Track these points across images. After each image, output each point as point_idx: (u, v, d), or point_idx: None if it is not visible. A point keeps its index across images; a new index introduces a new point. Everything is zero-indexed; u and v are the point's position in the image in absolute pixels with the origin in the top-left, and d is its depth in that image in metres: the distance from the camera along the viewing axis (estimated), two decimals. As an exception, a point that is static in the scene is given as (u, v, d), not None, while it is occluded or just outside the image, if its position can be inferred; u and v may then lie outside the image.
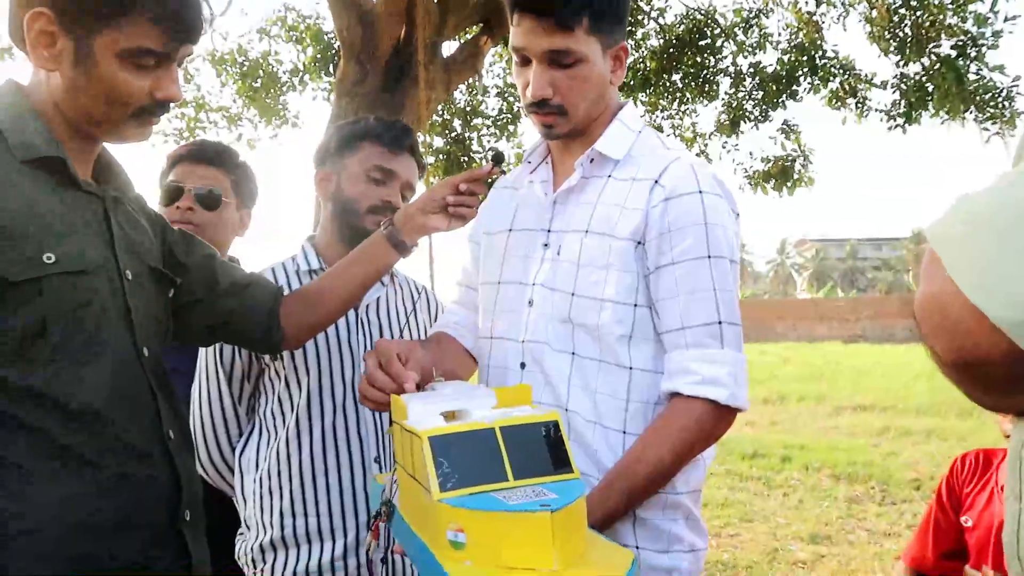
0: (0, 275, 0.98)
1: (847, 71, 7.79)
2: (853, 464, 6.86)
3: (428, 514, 0.87)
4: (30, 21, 1.05)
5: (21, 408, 1.00)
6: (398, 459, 1.02)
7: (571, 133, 1.40)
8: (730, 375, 1.26)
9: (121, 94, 1.09)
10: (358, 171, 1.69)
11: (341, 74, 5.72)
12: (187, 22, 1.11)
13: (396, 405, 1.02)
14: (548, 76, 1.33)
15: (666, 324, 1.30)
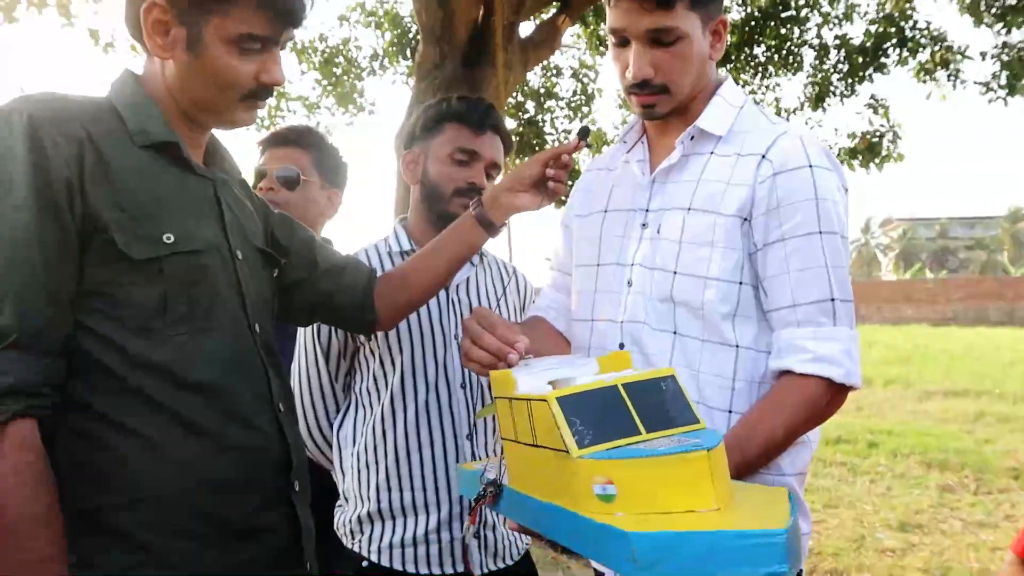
0: (125, 253, 1.05)
1: (938, 42, 7.42)
2: (945, 451, 6.60)
3: (564, 476, 0.86)
4: (145, 12, 1.11)
5: (145, 380, 1.06)
6: (505, 434, 1.02)
7: (672, 112, 1.37)
8: (844, 352, 1.24)
9: (230, 78, 1.14)
10: (443, 154, 1.71)
11: (420, 57, 5.77)
12: (289, 6, 1.16)
13: (499, 380, 1.03)
14: (649, 56, 1.31)
15: (776, 301, 1.28)
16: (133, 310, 1.06)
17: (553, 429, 0.87)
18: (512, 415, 0.98)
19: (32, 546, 0.96)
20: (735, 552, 0.74)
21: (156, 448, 1.06)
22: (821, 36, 8.02)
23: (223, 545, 1.10)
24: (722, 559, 0.74)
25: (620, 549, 0.76)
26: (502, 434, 1.02)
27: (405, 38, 8.58)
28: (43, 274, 1.00)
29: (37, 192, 1.00)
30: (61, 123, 1.04)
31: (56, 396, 1.01)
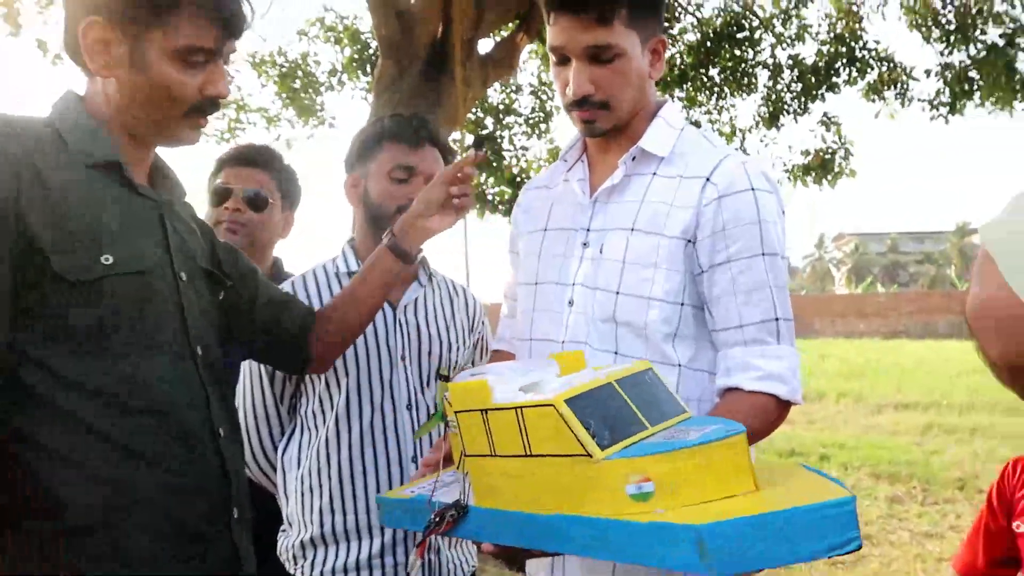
0: (60, 275, 1.02)
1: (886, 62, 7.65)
2: (895, 463, 6.74)
3: (582, 481, 0.82)
4: (85, 31, 1.10)
5: (81, 405, 1.04)
6: (474, 451, 0.97)
7: (613, 129, 1.38)
8: (789, 370, 1.28)
9: (174, 92, 1.13)
10: (381, 173, 1.70)
11: (379, 73, 5.76)
12: (231, 17, 1.15)
13: (468, 392, 0.96)
14: (589, 73, 1.32)
15: (723, 322, 1.30)
16: (69, 333, 1.03)
17: (564, 434, 0.83)
18: (488, 428, 0.93)
19: None
20: (810, 527, 0.72)
21: (93, 475, 1.04)
22: (775, 56, 8.21)
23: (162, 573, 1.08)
24: (799, 536, 0.72)
25: (682, 545, 0.72)
26: (468, 451, 0.98)
27: (364, 54, 8.57)
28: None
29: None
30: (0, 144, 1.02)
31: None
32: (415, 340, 1.70)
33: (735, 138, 8.84)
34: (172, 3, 1.10)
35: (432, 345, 1.72)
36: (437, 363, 1.71)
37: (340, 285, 1.71)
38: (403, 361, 1.68)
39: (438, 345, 1.73)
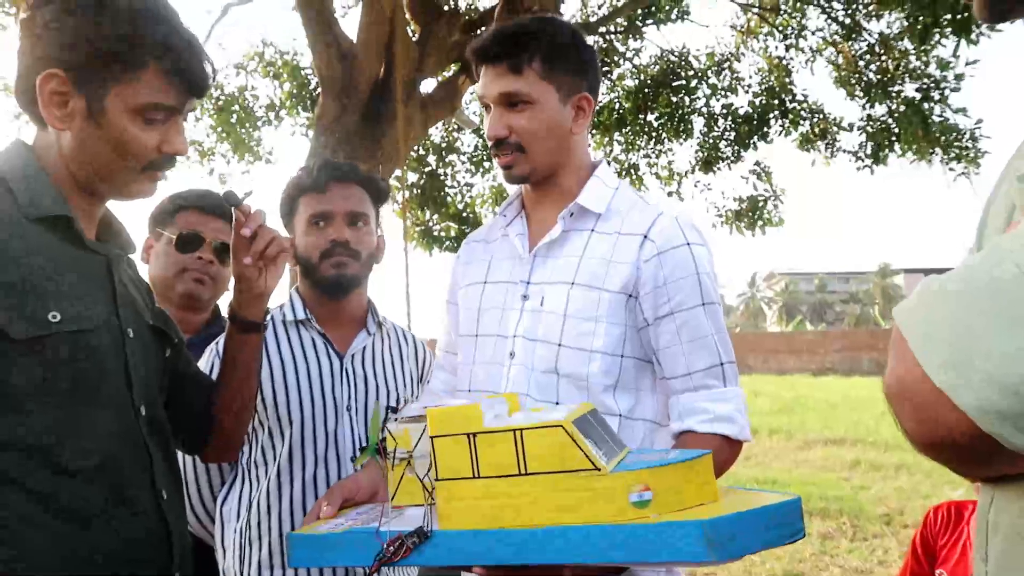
0: (5, 332, 0.99)
1: (816, 114, 8.00)
2: (825, 499, 6.90)
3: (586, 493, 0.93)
4: (43, 82, 1.07)
5: (17, 464, 1.00)
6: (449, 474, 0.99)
7: (533, 175, 1.43)
8: (737, 410, 1.34)
9: (132, 148, 1.11)
10: (301, 227, 1.71)
11: (320, 111, 5.75)
12: (195, 77, 1.14)
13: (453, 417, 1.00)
14: (503, 117, 1.41)
15: (671, 371, 1.36)
16: (7, 390, 1.00)
17: (570, 452, 0.93)
18: (474, 451, 0.98)
19: None
20: (777, 520, 0.94)
21: (28, 538, 1.00)
22: (710, 105, 8.50)
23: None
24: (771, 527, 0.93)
25: (688, 539, 0.87)
26: (441, 475, 1.00)
27: (305, 89, 8.54)
28: None
29: None
30: None
31: None
32: (362, 390, 1.69)
33: (672, 181, 9.09)
34: (138, 62, 1.08)
35: (380, 395, 1.71)
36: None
37: (287, 333, 1.69)
38: (349, 412, 1.66)
39: (385, 395, 1.72)
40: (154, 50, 1.09)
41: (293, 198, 1.73)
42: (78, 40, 1.06)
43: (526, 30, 1.41)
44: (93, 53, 1.06)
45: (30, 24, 1.08)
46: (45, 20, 1.07)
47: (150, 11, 1.10)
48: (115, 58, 1.07)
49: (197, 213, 1.94)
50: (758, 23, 8.73)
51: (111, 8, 1.07)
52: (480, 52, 1.42)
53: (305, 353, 1.68)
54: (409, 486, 1.10)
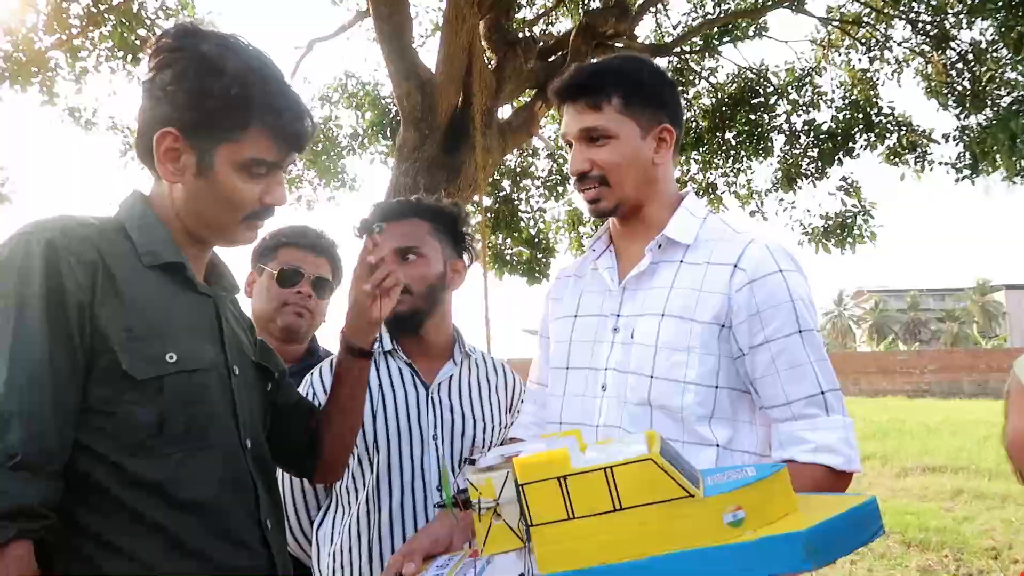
0: (128, 373, 1.06)
1: (904, 126, 7.72)
2: (925, 530, 6.57)
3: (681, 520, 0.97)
4: (159, 139, 1.16)
5: (138, 499, 1.06)
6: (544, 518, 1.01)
7: (619, 207, 1.45)
8: (842, 440, 1.30)
9: (236, 200, 1.19)
10: None
11: (400, 140, 5.89)
12: (297, 134, 1.22)
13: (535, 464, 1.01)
14: (585, 152, 1.43)
15: (769, 400, 1.34)
16: (131, 428, 1.07)
17: (661, 482, 0.97)
18: (566, 494, 1.00)
19: None
20: (859, 522, 0.98)
21: (146, 570, 1.06)
22: (790, 122, 8.31)
23: None
24: (856, 530, 0.98)
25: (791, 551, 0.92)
26: (535, 521, 1.02)
27: (385, 118, 8.78)
28: (52, 396, 1.01)
29: (50, 315, 1.02)
30: (76, 247, 1.07)
31: (52, 518, 1.01)
32: (448, 419, 1.71)
33: (752, 200, 8.90)
34: (244, 122, 1.16)
35: (466, 425, 1.73)
36: (471, 443, 1.72)
37: (376, 364, 1.73)
38: (435, 441, 1.69)
39: (471, 425, 1.73)
40: (259, 111, 1.16)
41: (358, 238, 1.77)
42: (191, 102, 1.15)
43: (603, 67, 1.45)
44: (204, 114, 1.15)
45: (151, 86, 1.18)
46: (164, 83, 1.16)
47: (257, 74, 1.17)
48: (224, 118, 1.16)
49: (296, 249, 2.04)
50: (839, 36, 8.52)
51: (222, 72, 1.15)
52: (561, 91, 1.46)
53: (392, 383, 1.72)
54: (498, 533, 1.11)
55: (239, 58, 1.17)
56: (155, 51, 1.18)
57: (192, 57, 1.16)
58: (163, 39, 1.18)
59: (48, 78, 6.63)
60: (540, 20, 8.64)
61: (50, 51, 6.51)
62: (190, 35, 1.18)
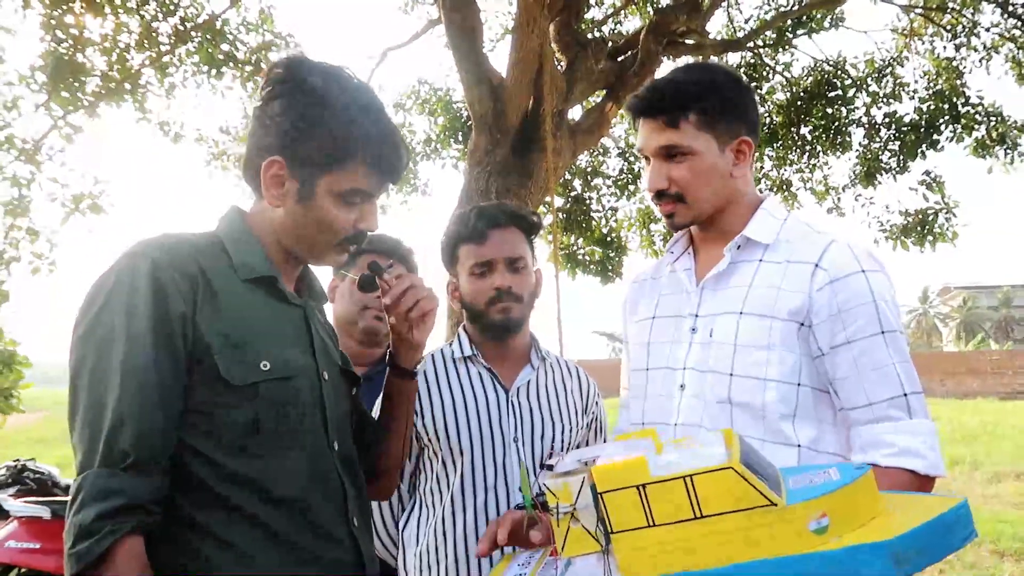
0: (226, 379, 1.15)
1: (993, 117, 7.38)
2: (1019, 539, 6.28)
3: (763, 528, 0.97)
4: (266, 167, 1.25)
5: (237, 494, 1.14)
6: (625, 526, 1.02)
7: (696, 221, 1.47)
8: (925, 444, 1.28)
9: (332, 226, 1.27)
10: (464, 275, 1.79)
11: (472, 145, 5.97)
12: (393, 167, 1.29)
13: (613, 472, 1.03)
14: (662, 169, 1.44)
15: (850, 401, 1.33)
16: (229, 429, 1.15)
17: (742, 491, 0.96)
18: (645, 501, 1.01)
19: None
20: (949, 527, 0.96)
21: (246, 558, 1.13)
22: (870, 115, 8.05)
23: None
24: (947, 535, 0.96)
25: (877, 561, 0.91)
26: (616, 528, 1.03)
27: (457, 123, 8.88)
28: (159, 401, 1.10)
29: (156, 327, 1.11)
30: (179, 263, 1.16)
31: (160, 513, 1.10)
32: (528, 422, 1.75)
33: (828, 196, 8.66)
34: (345, 155, 1.23)
35: (545, 427, 1.76)
36: (551, 445, 1.76)
37: (455, 369, 1.79)
38: (516, 443, 1.73)
39: (551, 427, 1.77)
40: (360, 145, 1.23)
41: (454, 246, 1.83)
42: (297, 134, 1.22)
43: (680, 83, 1.44)
44: (309, 146, 1.22)
45: (261, 114, 1.26)
46: (273, 113, 1.24)
47: (362, 110, 1.24)
48: (326, 151, 1.23)
49: (377, 257, 2.10)
50: (922, 24, 8.20)
51: (327, 106, 1.22)
52: (637, 107, 1.46)
53: (473, 387, 1.77)
54: (576, 537, 1.13)
55: (345, 92, 1.24)
56: (266, 81, 1.26)
57: (299, 90, 1.23)
58: (274, 70, 1.26)
59: (140, 95, 6.97)
60: (609, 20, 8.60)
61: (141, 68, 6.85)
62: (299, 67, 1.25)
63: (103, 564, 1.03)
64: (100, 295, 1.14)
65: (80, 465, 1.08)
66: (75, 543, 1.04)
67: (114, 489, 1.05)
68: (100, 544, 1.03)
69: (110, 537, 1.03)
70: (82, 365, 1.11)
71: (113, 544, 1.03)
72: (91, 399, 1.09)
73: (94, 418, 1.08)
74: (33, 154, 6.60)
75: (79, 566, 1.03)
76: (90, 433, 1.08)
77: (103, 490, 1.05)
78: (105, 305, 1.13)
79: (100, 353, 1.10)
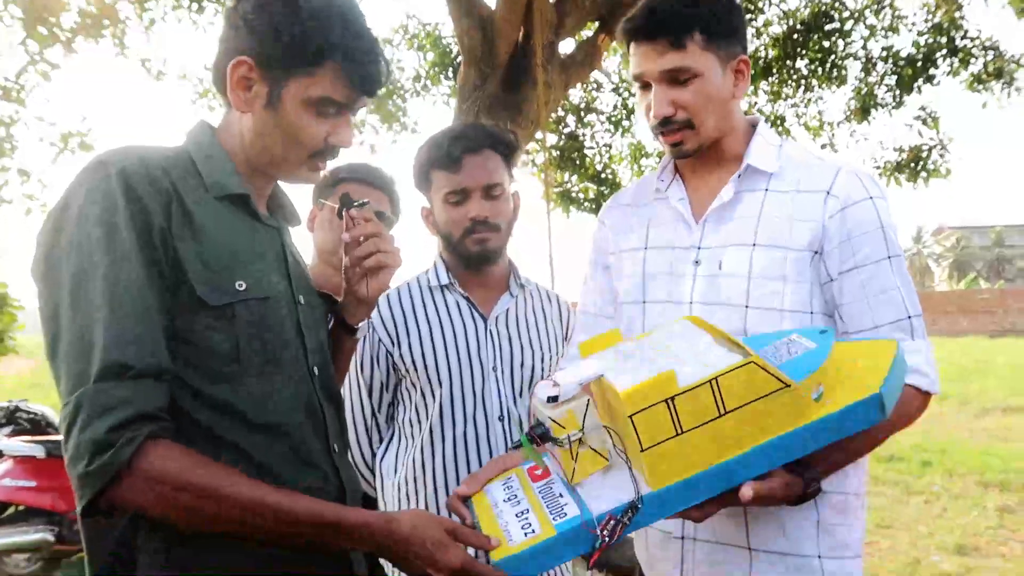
0: (203, 300, 1.09)
1: (991, 51, 7.24)
2: (1005, 471, 6.39)
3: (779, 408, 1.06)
4: (233, 68, 1.17)
5: (220, 422, 1.10)
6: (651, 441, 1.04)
7: (702, 147, 1.41)
8: (927, 363, 1.31)
9: (301, 137, 1.19)
10: (439, 203, 1.73)
11: (461, 79, 5.84)
12: (370, 77, 1.20)
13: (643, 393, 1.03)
14: (668, 94, 1.37)
15: (856, 325, 1.34)
16: (208, 355, 1.10)
17: (761, 381, 1.05)
18: (674, 413, 1.04)
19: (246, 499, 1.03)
20: (901, 365, 1.13)
21: None
22: (867, 48, 7.88)
23: None
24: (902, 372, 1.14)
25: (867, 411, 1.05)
26: (647, 443, 1.04)
27: (447, 59, 8.68)
28: (154, 314, 1.04)
29: (140, 239, 1.05)
30: (151, 176, 1.09)
31: (171, 423, 1.04)
32: (507, 351, 1.73)
33: (823, 132, 8.54)
34: (317, 58, 1.16)
35: (524, 356, 1.74)
36: (530, 374, 1.74)
37: (433, 298, 1.75)
38: (495, 372, 1.71)
39: (530, 355, 1.75)
40: (334, 50, 1.15)
41: (427, 172, 1.76)
42: (268, 33, 1.14)
43: (682, 2, 1.36)
44: (279, 46, 1.14)
45: (232, 14, 1.18)
46: (245, 11, 1.16)
47: (337, 12, 1.16)
48: (298, 52, 1.15)
49: (357, 184, 2.03)
50: (923, -46, 7.98)
51: (302, 6, 1.15)
52: (635, 30, 1.38)
53: (451, 316, 1.74)
54: (584, 459, 1.14)
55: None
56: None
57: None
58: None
59: (120, 30, 6.77)
60: (602, -50, 8.34)
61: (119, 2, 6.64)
62: None
63: (129, 476, 0.97)
64: (70, 211, 1.06)
65: (71, 387, 0.99)
66: (91, 460, 0.96)
67: (122, 399, 0.98)
68: (122, 454, 0.96)
69: (131, 445, 0.96)
70: (59, 288, 1.04)
71: (137, 452, 0.97)
72: (77, 320, 1.01)
73: (84, 337, 1.00)
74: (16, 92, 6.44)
75: (99, 483, 0.96)
76: (81, 353, 1.00)
77: (109, 402, 0.97)
78: (78, 221, 1.05)
79: (81, 272, 1.03)
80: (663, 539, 1.44)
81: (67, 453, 0.99)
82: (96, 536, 1.09)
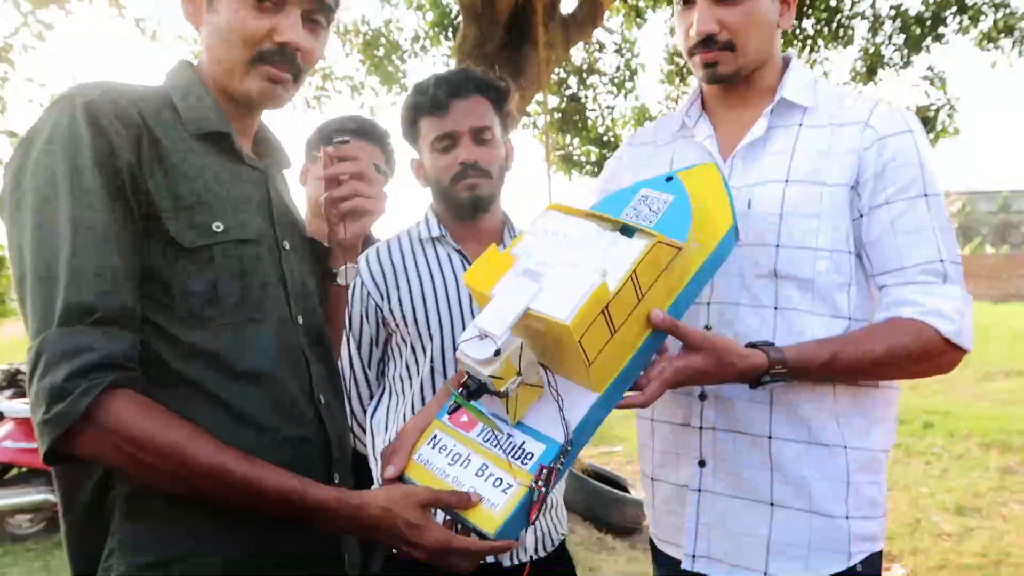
0: (177, 241, 1.04)
1: (1001, 8, 7.09)
2: (1006, 432, 6.39)
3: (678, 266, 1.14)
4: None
5: (196, 369, 1.05)
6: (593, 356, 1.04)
7: (739, 74, 1.35)
8: (956, 310, 1.22)
9: (241, 33, 1.11)
10: (427, 150, 1.68)
11: (461, 38, 5.73)
12: None
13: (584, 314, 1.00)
14: (715, 12, 1.31)
15: (882, 265, 1.27)
16: (185, 299, 1.05)
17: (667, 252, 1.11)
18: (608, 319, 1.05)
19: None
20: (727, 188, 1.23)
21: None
22: (875, 7, 7.72)
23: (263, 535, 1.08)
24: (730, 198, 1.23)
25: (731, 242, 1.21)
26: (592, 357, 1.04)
27: (446, 19, 8.53)
28: (119, 255, 0.99)
29: (105, 176, 0.99)
30: (118, 110, 1.03)
31: (138, 371, 1.00)
32: (499, 306, 1.68)
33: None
34: None
35: (517, 309, 1.70)
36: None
37: (423, 250, 1.71)
38: (488, 327, 1.67)
39: (523, 309, 1.70)
40: None
41: (414, 120, 1.70)
42: None
43: None
44: None
45: None
46: None
47: None
48: None
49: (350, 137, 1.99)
50: (935, -92, 7.77)
51: None
52: None
53: (442, 270, 1.69)
54: (523, 395, 1.10)
55: None
56: None
57: None
58: None
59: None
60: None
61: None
62: None
63: (87, 426, 0.93)
64: (33, 147, 1.01)
65: (35, 330, 0.95)
66: (48, 407, 0.92)
67: (82, 346, 0.93)
68: (79, 403, 0.92)
69: (88, 395, 0.92)
70: (22, 227, 0.99)
71: (96, 401, 0.92)
72: (40, 257, 0.97)
73: (46, 276, 0.96)
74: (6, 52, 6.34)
75: (57, 431, 0.92)
76: (44, 294, 0.95)
77: (69, 348, 0.93)
78: (42, 157, 0.99)
79: (44, 209, 0.98)
80: (676, 492, 1.40)
81: (30, 400, 0.96)
82: (71, 487, 1.06)
